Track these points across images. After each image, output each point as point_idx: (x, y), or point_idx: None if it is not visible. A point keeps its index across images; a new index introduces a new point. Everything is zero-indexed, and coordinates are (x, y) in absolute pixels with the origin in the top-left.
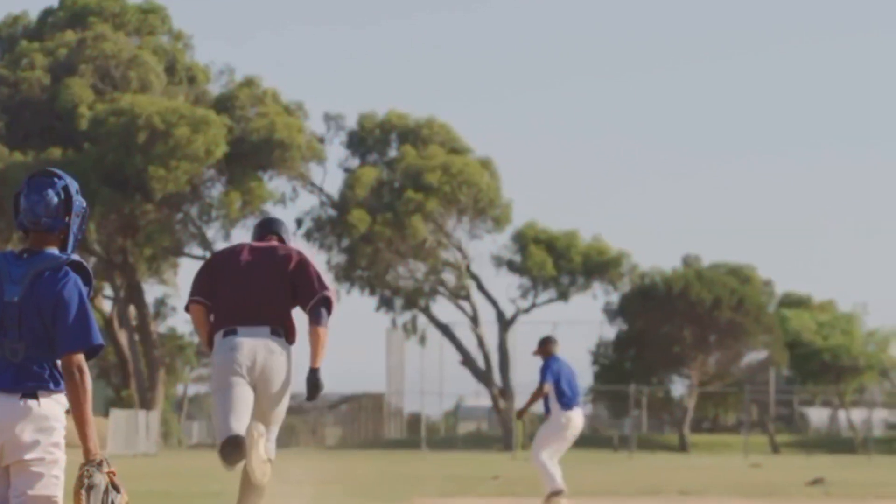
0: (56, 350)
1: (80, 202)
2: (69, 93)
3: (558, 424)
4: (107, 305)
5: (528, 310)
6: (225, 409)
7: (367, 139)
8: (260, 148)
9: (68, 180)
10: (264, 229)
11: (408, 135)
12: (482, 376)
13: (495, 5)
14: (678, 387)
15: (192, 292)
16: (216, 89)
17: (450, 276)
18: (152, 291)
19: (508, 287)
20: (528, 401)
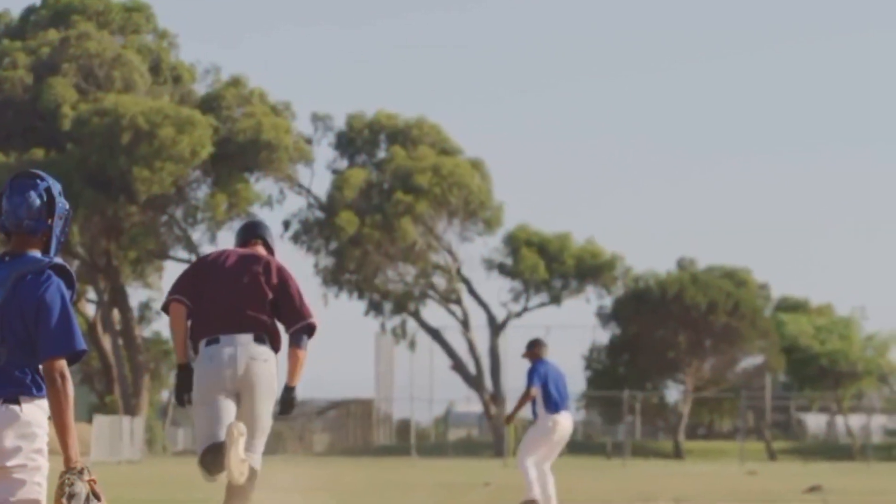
0: (38, 355)
1: (62, 204)
2: (52, 92)
3: (545, 428)
4: (90, 309)
5: (519, 314)
6: (207, 418)
7: (356, 140)
8: (246, 149)
9: (51, 182)
10: (249, 234)
11: (397, 135)
12: (473, 381)
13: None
14: (673, 392)
15: (174, 291)
16: (202, 89)
17: (440, 280)
18: (137, 295)
19: (500, 291)
20: (516, 405)
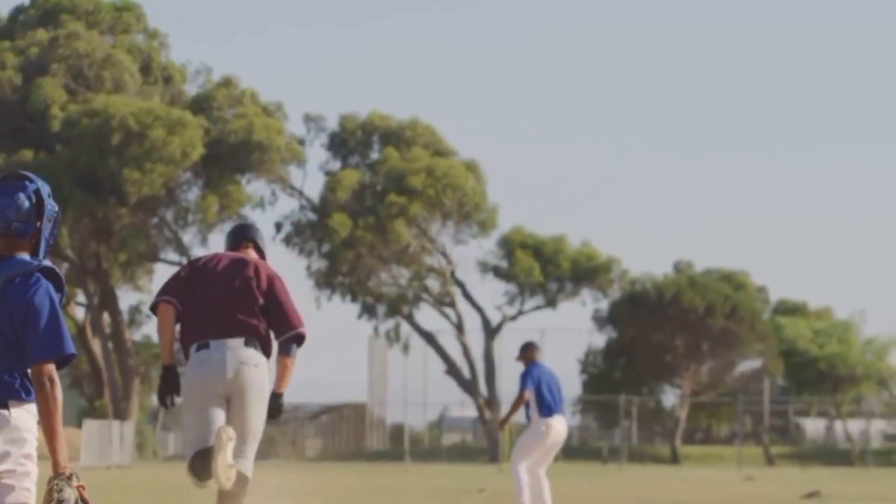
0: (26, 359)
1: (52, 206)
2: (41, 93)
3: (538, 432)
4: (80, 313)
5: (514, 317)
6: (197, 423)
7: (349, 141)
8: (238, 150)
9: (40, 183)
10: (239, 237)
11: (390, 136)
12: (467, 386)
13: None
14: (670, 397)
15: (164, 292)
16: (193, 89)
17: (434, 283)
18: (127, 298)
19: (494, 294)
20: (510, 410)
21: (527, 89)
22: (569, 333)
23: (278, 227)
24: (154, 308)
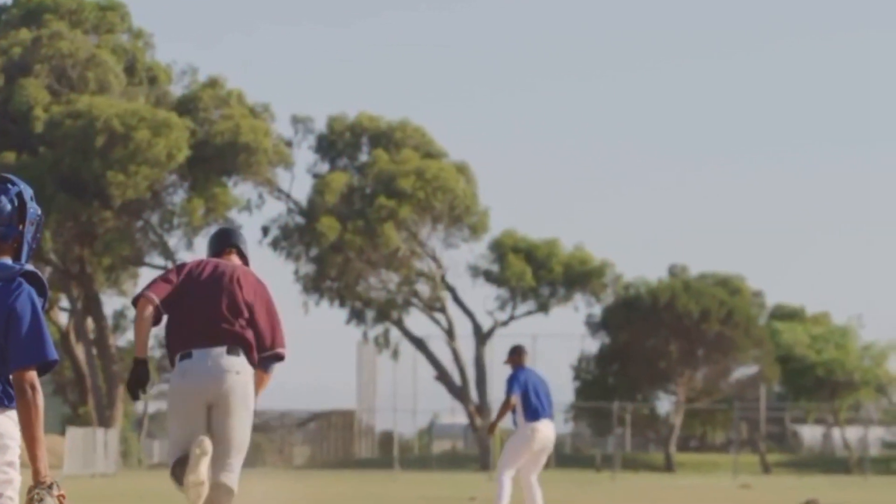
0: (7, 365)
1: (34, 209)
2: (24, 94)
3: (524, 437)
4: (63, 318)
5: (506, 322)
6: (180, 429)
7: (337, 143)
8: (224, 152)
9: (22, 186)
10: (223, 243)
11: (380, 138)
12: (458, 392)
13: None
14: (664, 403)
15: (152, 291)
16: (178, 90)
17: (424, 287)
18: (111, 303)
19: (485, 298)
20: (497, 415)
21: (518, 90)
22: (561, 339)
23: (265, 230)
24: (135, 301)
